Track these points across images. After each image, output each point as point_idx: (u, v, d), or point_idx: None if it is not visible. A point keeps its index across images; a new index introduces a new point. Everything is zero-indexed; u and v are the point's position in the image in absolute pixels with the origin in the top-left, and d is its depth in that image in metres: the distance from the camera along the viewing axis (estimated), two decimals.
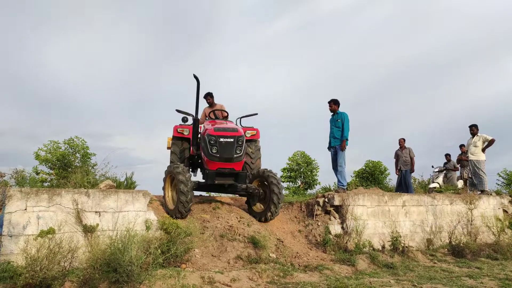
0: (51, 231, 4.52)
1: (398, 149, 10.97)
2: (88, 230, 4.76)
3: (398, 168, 10.79)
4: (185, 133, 7.36)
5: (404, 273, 5.44)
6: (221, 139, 6.07)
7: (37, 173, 9.16)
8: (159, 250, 4.20)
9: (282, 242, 6.19)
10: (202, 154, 6.36)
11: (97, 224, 4.87)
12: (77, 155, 9.97)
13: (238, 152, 6.13)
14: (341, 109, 7.83)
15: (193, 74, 6.23)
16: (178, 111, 7.23)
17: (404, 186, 10.41)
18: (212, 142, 6.05)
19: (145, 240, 4.45)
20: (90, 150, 10.18)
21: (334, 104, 7.78)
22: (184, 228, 4.96)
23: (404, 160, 10.67)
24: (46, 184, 8.46)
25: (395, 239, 6.55)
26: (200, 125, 7.81)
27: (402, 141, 10.97)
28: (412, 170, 10.65)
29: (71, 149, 9.90)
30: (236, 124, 7.33)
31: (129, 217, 5.10)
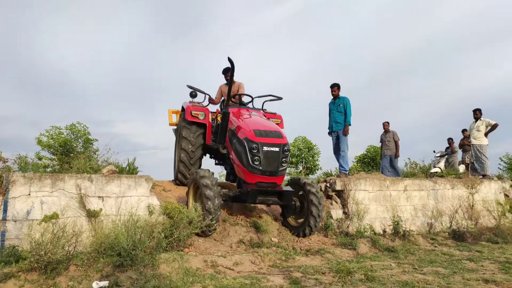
0: (54, 216, 4.56)
1: (383, 133, 10.86)
2: (92, 215, 4.79)
3: (383, 152, 10.74)
4: (201, 118, 6.39)
5: (405, 257, 5.49)
6: (265, 148, 5.08)
7: (40, 159, 9.19)
8: (162, 234, 4.23)
9: (284, 226, 6.22)
10: (237, 160, 5.33)
11: (101, 209, 4.90)
12: (79, 140, 9.99)
13: (283, 164, 5.22)
14: (342, 94, 7.80)
15: (228, 57, 5.37)
16: (190, 87, 6.51)
17: (391, 170, 10.33)
18: (254, 151, 5.04)
19: (148, 224, 4.49)
20: (92, 136, 10.20)
21: (338, 89, 7.74)
22: (187, 213, 4.98)
23: (387, 144, 10.56)
24: (48, 170, 8.50)
25: (396, 223, 6.59)
26: (212, 103, 7.04)
27: (386, 125, 10.79)
28: (396, 155, 10.51)
29: (73, 135, 9.91)
30: (262, 110, 6.65)
31: (132, 202, 5.13)
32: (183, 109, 6.91)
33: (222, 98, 6.97)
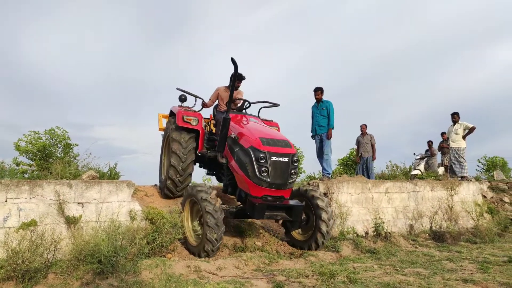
0: (32, 223, 4.44)
1: (360, 135, 11.02)
2: (71, 221, 4.69)
3: (359, 154, 10.88)
4: (193, 124, 5.89)
5: (387, 258, 5.56)
6: (273, 158, 4.67)
7: (17, 165, 8.95)
8: (144, 240, 4.17)
9: (268, 230, 6.23)
10: (240, 171, 4.90)
11: (80, 215, 4.80)
12: (59, 145, 9.78)
13: (293, 176, 4.85)
14: (326, 98, 7.88)
15: (231, 58, 4.83)
16: (180, 90, 6.13)
17: (365, 173, 10.47)
18: (261, 161, 4.63)
19: (130, 230, 4.43)
20: (72, 141, 10.00)
21: (321, 93, 7.81)
22: (170, 218, 4.94)
23: (365, 146, 10.73)
24: (26, 176, 8.29)
25: (378, 225, 6.68)
26: (205, 107, 6.58)
27: (364, 127, 11.00)
28: (373, 158, 10.68)
29: (52, 139, 9.70)
30: (258, 117, 6.33)
31: (113, 208, 5.04)
32: (171, 113, 6.48)
33: (216, 102, 6.57)
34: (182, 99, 6.20)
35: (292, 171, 4.81)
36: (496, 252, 6.03)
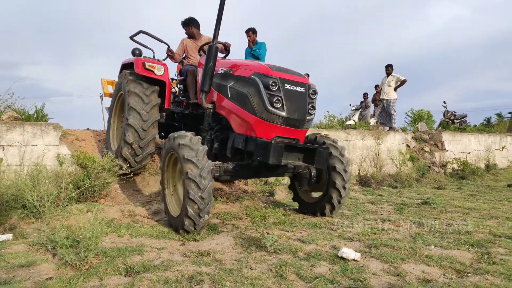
0: None
1: None
2: None
3: None
4: (158, 73, 4.75)
5: None
6: (287, 86, 3.67)
7: None
8: (70, 185, 4.02)
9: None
10: (241, 109, 3.81)
11: (1, 159, 4.47)
12: None
13: (311, 112, 3.88)
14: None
15: None
16: (135, 38, 5.06)
17: None
18: (273, 88, 3.58)
19: (58, 175, 4.22)
20: None
21: (253, 33, 7.43)
22: (102, 162, 4.77)
23: None
24: None
25: None
26: (172, 58, 5.45)
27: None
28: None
29: None
30: None
31: (38, 151, 4.74)
32: (124, 67, 5.22)
33: (184, 55, 5.50)
34: (136, 53, 5.05)
35: (311, 105, 3.88)
36: (413, 196, 6.70)
